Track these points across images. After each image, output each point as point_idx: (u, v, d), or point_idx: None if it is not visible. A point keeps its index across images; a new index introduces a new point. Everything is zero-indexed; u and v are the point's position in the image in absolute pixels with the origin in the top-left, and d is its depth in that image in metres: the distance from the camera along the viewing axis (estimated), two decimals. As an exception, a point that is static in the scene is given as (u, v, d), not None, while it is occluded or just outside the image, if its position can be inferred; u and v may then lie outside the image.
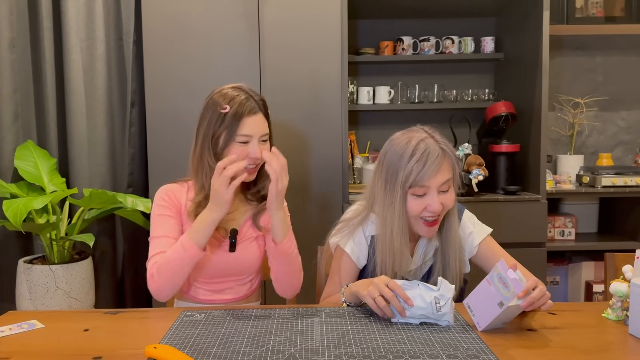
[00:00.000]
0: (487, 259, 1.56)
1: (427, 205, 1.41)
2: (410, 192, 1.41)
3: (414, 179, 1.38)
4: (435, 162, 1.38)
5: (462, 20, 3.21)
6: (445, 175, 1.40)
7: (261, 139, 1.51)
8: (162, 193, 1.55)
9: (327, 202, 2.60)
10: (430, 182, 1.39)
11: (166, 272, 1.42)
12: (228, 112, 1.46)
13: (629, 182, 2.86)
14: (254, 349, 1.11)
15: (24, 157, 2.55)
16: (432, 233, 1.47)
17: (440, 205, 1.41)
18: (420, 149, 1.39)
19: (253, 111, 1.48)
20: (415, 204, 1.42)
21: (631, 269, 1.25)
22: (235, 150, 1.47)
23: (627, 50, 3.30)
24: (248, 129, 1.47)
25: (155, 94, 2.56)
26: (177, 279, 1.43)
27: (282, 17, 2.56)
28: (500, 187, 2.87)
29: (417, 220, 1.45)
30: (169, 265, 1.42)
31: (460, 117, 3.08)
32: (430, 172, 1.38)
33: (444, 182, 1.40)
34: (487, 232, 1.58)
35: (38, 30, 2.65)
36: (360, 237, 1.54)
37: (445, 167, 1.41)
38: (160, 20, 2.55)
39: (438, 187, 1.40)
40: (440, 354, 1.08)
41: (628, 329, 1.20)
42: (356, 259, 1.54)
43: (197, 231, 1.42)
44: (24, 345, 1.17)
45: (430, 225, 1.44)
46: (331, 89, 2.59)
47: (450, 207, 1.46)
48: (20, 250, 2.67)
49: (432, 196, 1.40)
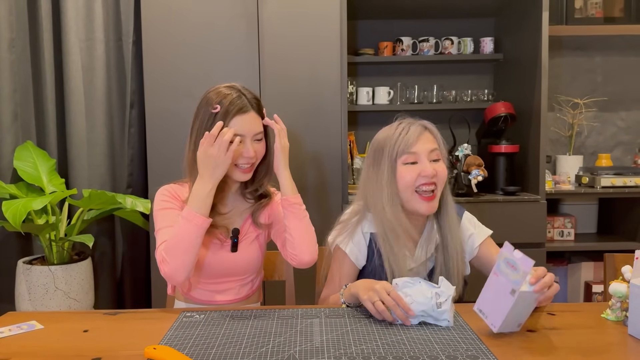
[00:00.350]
0: (487, 260, 1.57)
1: (420, 171, 1.44)
2: (401, 162, 1.46)
3: (399, 147, 1.45)
4: (417, 129, 1.47)
5: (462, 20, 3.21)
6: (431, 143, 1.47)
7: (254, 137, 1.49)
8: (163, 190, 1.54)
9: (327, 203, 2.60)
10: (417, 147, 1.45)
11: (177, 250, 1.39)
12: (219, 112, 1.45)
13: (628, 183, 2.86)
14: (253, 350, 1.11)
15: (23, 158, 2.55)
16: (431, 209, 1.47)
17: (434, 171, 1.44)
18: (401, 125, 1.49)
19: (244, 109, 1.46)
20: (407, 172, 1.45)
21: (630, 269, 1.25)
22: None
23: (626, 50, 3.30)
24: (239, 127, 1.45)
25: (155, 94, 2.56)
26: (189, 256, 1.40)
27: (281, 17, 2.56)
28: (500, 187, 2.87)
29: (413, 195, 1.45)
30: (178, 243, 1.39)
31: (459, 118, 3.09)
32: (414, 138, 1.45)
33: (431, 150, 1.46)
34: (488, 233, 1.59)
35: (37, 31, 2.65)
36: (359, 236, 1.54)
37: (429, 137, 1.48)
38: (159, 20, 2.55)
39: (427, 154, 1.45)
40: (440, 354, 1.08)
41: (627, 329, 1.20)
42: (355, 259, 1.54)
43: (195, 201, 1.41)
44: (23, 347, 1.16)
45: (428, 199, 1.45)
46: (330, 90, 2.59)
47: (444, 179, 1.47)
48: (20, 251, 2.67)
49: (423, 161, 1.45)
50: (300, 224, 1.50)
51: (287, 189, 1.50)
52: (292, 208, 1.50)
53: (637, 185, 2.86)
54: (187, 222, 1.39)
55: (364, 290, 1.31)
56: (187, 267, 1.40)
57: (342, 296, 1.41)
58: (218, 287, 1.57)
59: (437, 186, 1.46)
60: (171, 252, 1.39)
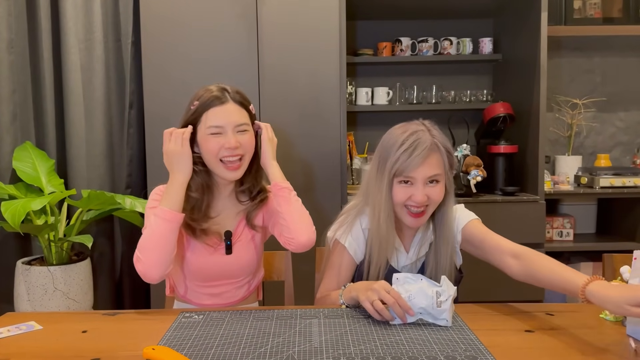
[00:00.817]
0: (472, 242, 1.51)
1: (411, 194, 1.42)
2: (397, 180, 1.44)
3: (398, 167, 1.41)
4: (422, 153, 1.40)
5: (461, 21, 3.21)
6: (433, 169, 1.42)
7: (236, 129, 1.46)
8: (157, 190, 1.53)
9: (325, 203, 2.60)
10: (415, 172, 1.41)
11: (148, 247, 1.39)
12: (195, 107, 1.46)
13: (627, 183, 2.86)
14: (252, 350, 1.11)
15: (22, 158, 2.55)
16: (417, 224, 1.47)
17: (425, 197, 1.42)
18: (410, 139, 1.41)
19: (221, 101, 1.45)
20: (400, 191, 1.44)
21: (629, 269, 1.25)
22: (209, 143, 1.44)
23: (625, 51, 3.31)
24: (217, 119, 1.44)
25: (154, 95, 2.56)
26: (162, 253, 1.39)
27: (280, 18, 2.56)
28: (499, 188, 2.87)
29: (402, 209, 1.46)
30: (149, 239, 1.39)
31: (458, 118, 3.09)
32: (415, 163, 1.40)
33: (430, 176, 1.42)
34: (472, 217, 1.55)
35: (36, 31, 2.65)
36: (358, 230, 1.54)
37: (433, 160, 1.42)
38: (158, 21, 2.55)
39: (424, 179, 1.41)
40: (439, 355, 1.08)
41: (626, 329, 1.20)
42: (354, 253, 1.54)
43: (167, 197, 1.42)
44: (22, 347, 1.16)
45: (415, 216, 1.45)
46: (329, 90, 2.59)
47: (437, 201, 1.45)
48: (19, 251, 2.67)
49: (417, 187, 1.42)
50: (293, 207, 1.49)
51: (276, 177, 1.51)
52: (282, 192, 1.49)
53: (636, 186, 2.86)
54: (156, 218, 1.40)
55: (362, 291, 1.31)
56: (162, 265, 1.39)
57: (342, 297, 1.41)
58: (214, 290, 1.56)
59: (430, 205, 1.45)
60: (143, 250, 1.39)
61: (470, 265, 1.63)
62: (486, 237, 1.48)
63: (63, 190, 2.57)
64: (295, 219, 1.48)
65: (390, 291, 1.25)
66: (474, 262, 1.60)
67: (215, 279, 1.55)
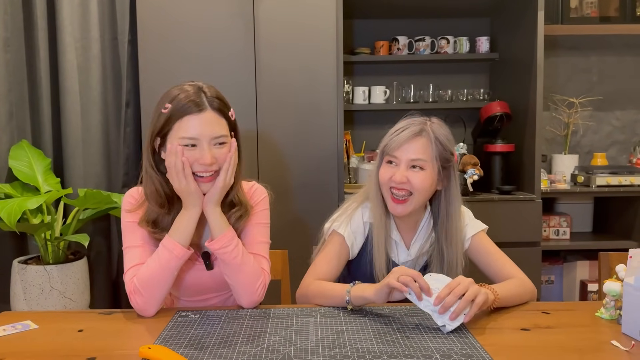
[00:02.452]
0: (479, 253, 1.55)
1: (393, 174, 1.45)
2: (385, 160, 1.48)
3: (386, 145, 1.46)
4: (408, 134, 1.44)
5: (457, 20, 3.22)
6: (416, 153, 1.43)
7: (213, 141, 1.30)
8: (128, 197, 1.42)
9: (322, 202, 2.60)
10: (398, 152, 1.44)
11: (153, 284, 1.31)
12: (167, 111, 1.29)
13: (623, 182, 2.87)
14: (248, 349, 1.11)
15: (19, 157, 2.55)
16: (398, 211, 1.47)
17: (405, 178, 1.43)
18: (405, 123, 1.47)
19: (198, 108, 1.28)
20: (384, 170, 1.48)
21: (624, 268, 1.25)
22: None
23: (621, 50, 3.31)
24: (191, 129, 1.27)
25: (150, 93, 2.56)
26: (164, 290, 1.33)
27: (277, 17, 2.56)
28: (495, 186, 2.88)
29: (387, 193, 1.48)
30: (158, 276, 1.31)
31: (455, 117, 3.09)
32: (400, 142, 1.44)
33: (415, 159, 1.43)
34: (482, 227, 1.58)
35: (33, 30, 2.64)
36: (359, 222, 1.53)
37: (419, 144, 1.44)
38: (155, 19, 2.54)
39: (407, 161, 1.44)
40: (435, 353, 1.08)
41: (621, 328, 1.20)
42: (350, 245, 1.52)
43: (179, 231, 1.33)
44: (17, 346, 1.16)
45: (396, 201, 1.46)
46: (326, 89, 2.59)
47: (419, 189, 1.44)
48: (15, 250, 2.67)
49: (399, 167, 1.45)
50: (230, 269, 1.35)
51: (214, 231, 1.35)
52: (218, 255, 1.35)
53: (632, 185, 2.87)
54: (168, 252, 1.31)
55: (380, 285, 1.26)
56: (160, 301, 1.34)
57: (349, 293, 1.33)
58: (199, 304, 1.51)
59: (413, 193, 1.45)
60: (148, 286, 1.31)
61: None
62: (494, 254, 1.52)
63: (59, 189, 2.56)
64: (234, 285, 1.37)
65: (409, 272, 1.23)
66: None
67: (199, 293, 1.49)
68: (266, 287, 1.42)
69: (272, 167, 2.59)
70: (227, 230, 1.35)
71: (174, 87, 1.36)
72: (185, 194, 1.32)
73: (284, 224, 2.58)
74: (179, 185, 1.30)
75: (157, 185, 1.36)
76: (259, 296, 1.39)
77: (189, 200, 1.33)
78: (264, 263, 1.44)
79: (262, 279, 1.40)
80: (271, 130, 2.60)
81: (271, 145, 2.60)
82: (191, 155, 1.29)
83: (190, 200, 1.33)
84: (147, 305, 1.32)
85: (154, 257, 1.33)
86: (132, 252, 1.38)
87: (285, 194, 2.61)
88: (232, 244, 1.34)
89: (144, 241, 1.38)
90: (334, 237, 1.53)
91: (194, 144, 1.29)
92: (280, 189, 2.53)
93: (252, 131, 2.59)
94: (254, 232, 1.46)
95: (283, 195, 2.59)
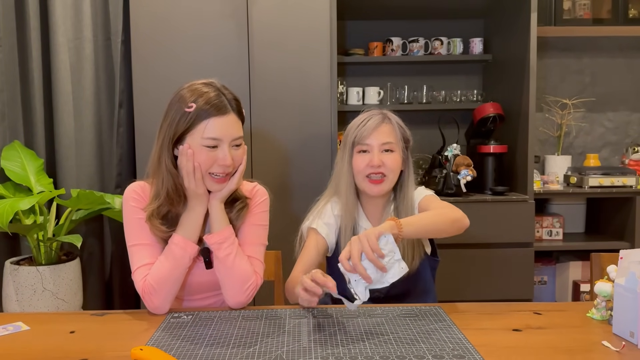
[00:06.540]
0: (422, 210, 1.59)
1: (369, 160, 1.56)
2: (356, 151, 1.59)
3: (356, 136, 1.58)
4: (374, 123, 1.58)
5: (451, 21, 3.22)
6: (386, 136, 1.58)
7: (232, 143, 1.34)
8: (131, 192, 1.41)
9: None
10: (370, 139, 1.57)
11: (169, 281, 1.34)
12: (192, 111, 1.30)
13: (615, 183, 2.88)
14: (240, 351, 1.11)
15: (11, 158, 2.53)
16: (376, 192, 1.58)
17: (380, 161, 1.55)
18: (366, 116, 1.61)
19: (223, 111, 1.32)
20: (359, 159, 1.59)
21: (615, 269, 1.26)
22: (202, 156, 1.32)
23: (613, 51, 3.33)
24: (216, 131, 1.31)
25: (144, 94, 2.55)
26: (178, 287, 1.37)
27: (271, 17, 2.56)
28: (488, 187, 2.89)
29: (363, 180, 1.58)
30: (172, 273, 1.34)
31: (448, 118, 3.10)
32: (369, 130, 1.57)
33: (385, 142, 1.57)
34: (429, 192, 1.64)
35: (25, 30, 2.63)
36: (329, 215, 1.63)
37: (386, 129, 1.59)
38: (148, 20, 2.54)
39: (379, 146, 1.57)
40: (427, 354, 1.08)
41: (612, 328, 1.21)
42: (326, 235, 1.60)
43: (187, 227, 1.37)
44: (8, 348, 1.16)
45: (374, 182, 1.57)
46: (320, 90, 2.60)
47: (393, 169, 1.58)
48: (7, 251, 2.65)
49: (373, 153, 1.57)
50: (222, 266, 1.39)
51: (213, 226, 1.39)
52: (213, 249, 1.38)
53: (625, 185, 2.89)
54: (182, 250, 1.35)
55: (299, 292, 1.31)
56: (173, 298, 1.38)
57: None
58: (198, 303, 1.51)
59: (387, 174, 1.57)
60: (165, 282, 1.34)
61: (459, 264, 1.64)
62: (429, 206, 1.56)
63: (52, 189, 2.55)
64: (225, 282, 1.40)
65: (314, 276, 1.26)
66: (463, 261, 1.61)
67: (199, 292, 1.49)
68: (256, 289, 1.43)
69: (265, 167, 2.59)
70: (226, 227, 1.40)
71: (191, 84, 1.38)
72: (193, 194, 1.37)
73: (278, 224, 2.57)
74: (188, 185, 1.35)
75: (176, 181, 1.37)
76: (246, 297, 1.40)
77: (196, 201, 1.38)
78: (257, 266, 1.47)
79: (253, 281, 1.42)
80: (265, 131, 2.60)
81: (265, 146, 2.60)
82: (212, 156, 1.33)
83: (196, 201, 1.38)
84: (165, 303, 1.36)
85: (167, 256, 1.36)
86: (140, 250, 1.39)
87: (279, 194, 2.60)
88: (228, 241, 1.39)
89: (151, 239, 1.40)
90: (308, 233, 1.62)
91: (216, 145, 1.33)
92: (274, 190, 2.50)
93: (246, 132, 2.58)
94: (251, 232, 1.48)
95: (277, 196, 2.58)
